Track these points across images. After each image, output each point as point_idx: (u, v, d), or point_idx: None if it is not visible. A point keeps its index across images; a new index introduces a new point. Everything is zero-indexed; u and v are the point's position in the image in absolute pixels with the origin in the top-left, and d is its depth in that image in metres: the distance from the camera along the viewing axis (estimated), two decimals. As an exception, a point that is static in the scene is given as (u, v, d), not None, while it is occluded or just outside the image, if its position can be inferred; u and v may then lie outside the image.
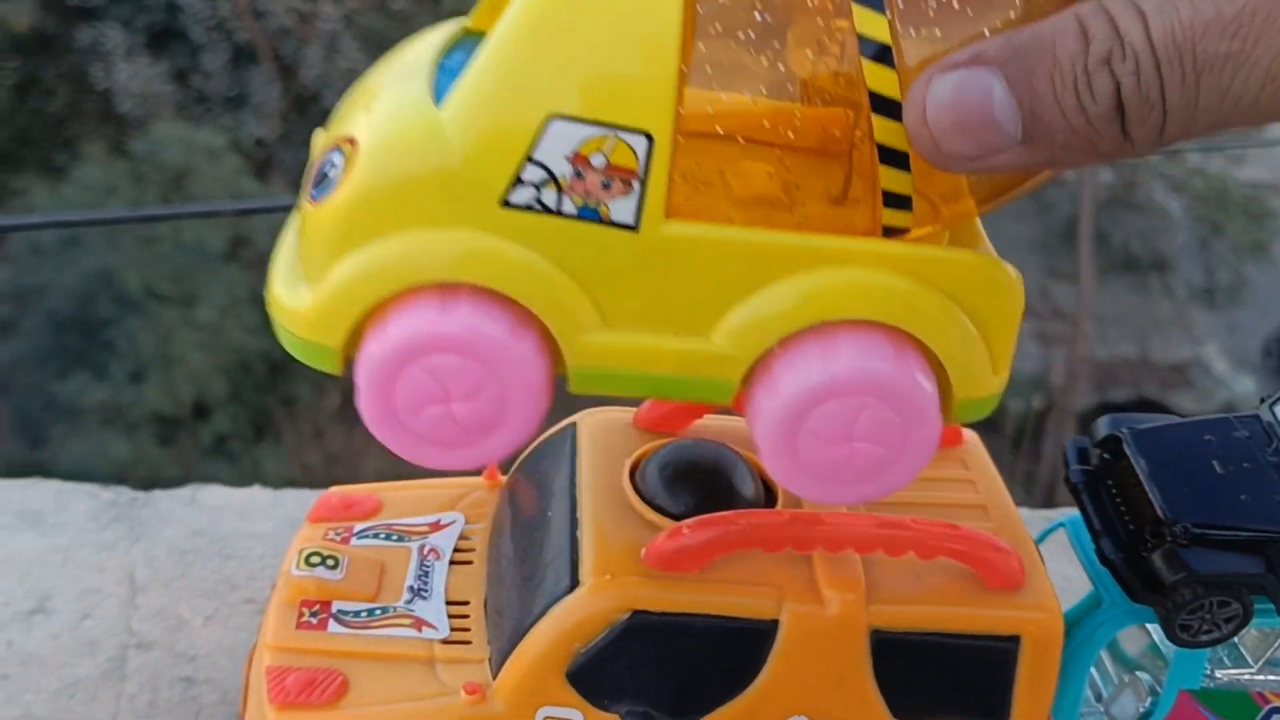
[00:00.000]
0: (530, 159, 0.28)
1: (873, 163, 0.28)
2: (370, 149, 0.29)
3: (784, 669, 0.35)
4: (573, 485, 0.38)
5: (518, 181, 0.28)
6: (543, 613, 0.35)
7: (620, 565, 0.35)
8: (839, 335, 0.30)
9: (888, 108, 0.27)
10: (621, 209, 0.29)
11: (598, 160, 0.28)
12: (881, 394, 0.30)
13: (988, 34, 0.27)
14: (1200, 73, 0.24)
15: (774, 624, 0.35)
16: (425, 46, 0.32)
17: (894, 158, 0.28)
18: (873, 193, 0.29)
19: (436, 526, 0.42)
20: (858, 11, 0.27)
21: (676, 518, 0.36)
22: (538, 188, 0.28)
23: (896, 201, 0.29)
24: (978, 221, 0.35)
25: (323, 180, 0.30)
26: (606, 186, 0.28)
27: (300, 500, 0.54)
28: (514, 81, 0.28)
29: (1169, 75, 0.24)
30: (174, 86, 2.88)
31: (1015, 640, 0.35)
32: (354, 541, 0.41)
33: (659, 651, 0.35)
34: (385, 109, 0.30)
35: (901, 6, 0.27)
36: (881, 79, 0.27)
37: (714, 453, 0.38)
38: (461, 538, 0.42)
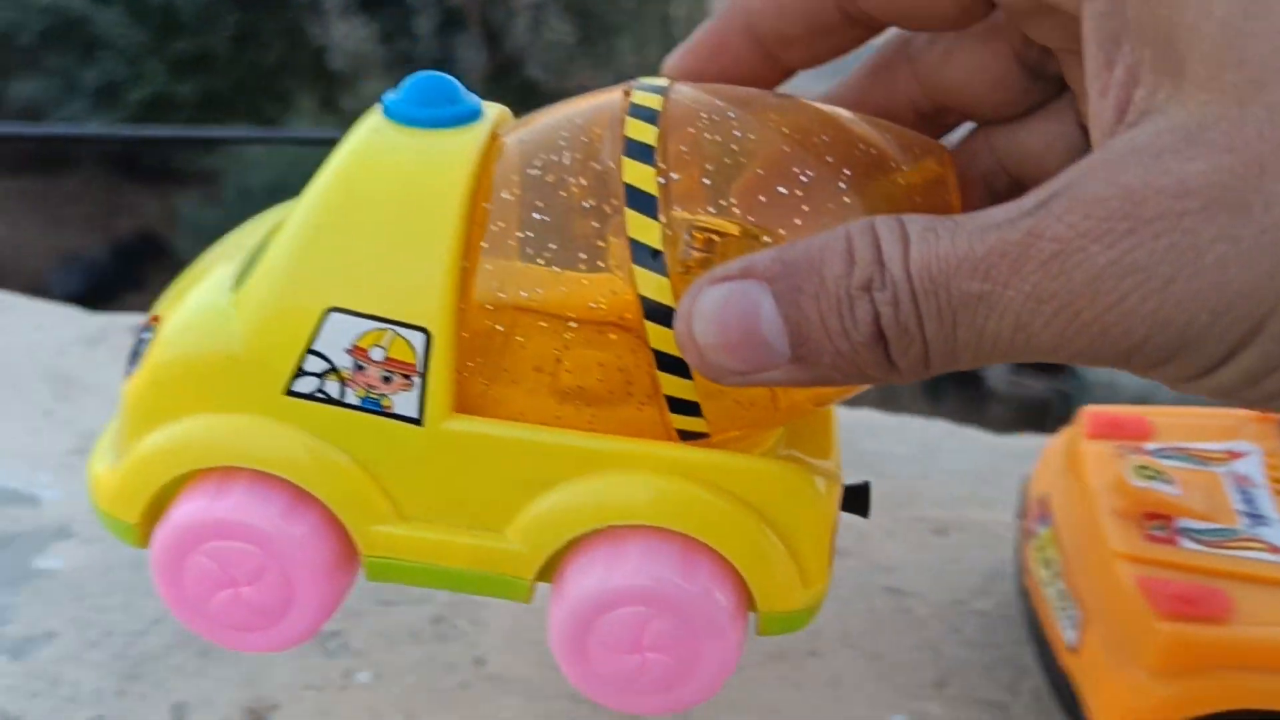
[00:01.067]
0: (311, 349, 0.28)
1: (651, 369, 0.27)
2: (166, 330, 0.30)
3: None
4: None
5: (300, 371, 0.28)
6: None
7: None
8: (627, 541, 0.29)
9: (660, 315, 0.27)
10: (404, 402, 0.28)
11: (376, 354, 0.28)
12: (664, 605, 0.28)
13: (770, 241, 0.27)
14: (956, 310, 0.22)
15: None
16: (263, 225, 0.33)
17: (672, 365, 0.27)
18: (657, 397, 0.28)
19: (1233, 454, 0.43)
20: (630, 215, 0.27)
21: None
22: (320, 378, 0.28)
23: (683, 407, 0.28)
24: (831, 414, 0.34)
25: (135, 356, 0.31)
26: (387, 380, 0.28)
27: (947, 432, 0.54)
28: (296, 272, 0.28)
29: (926, 309, 0.23)
30: (383, 48, 2.99)
31: None
32: (1162, 461, 0.42)
33: None
34: (192, 290, 0.30)
35: (678, 211, 0.27)
36: (652, 285, 0.27)
37: None
38: (1271, 467, 0.42)
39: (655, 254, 0.26)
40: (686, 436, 0.29)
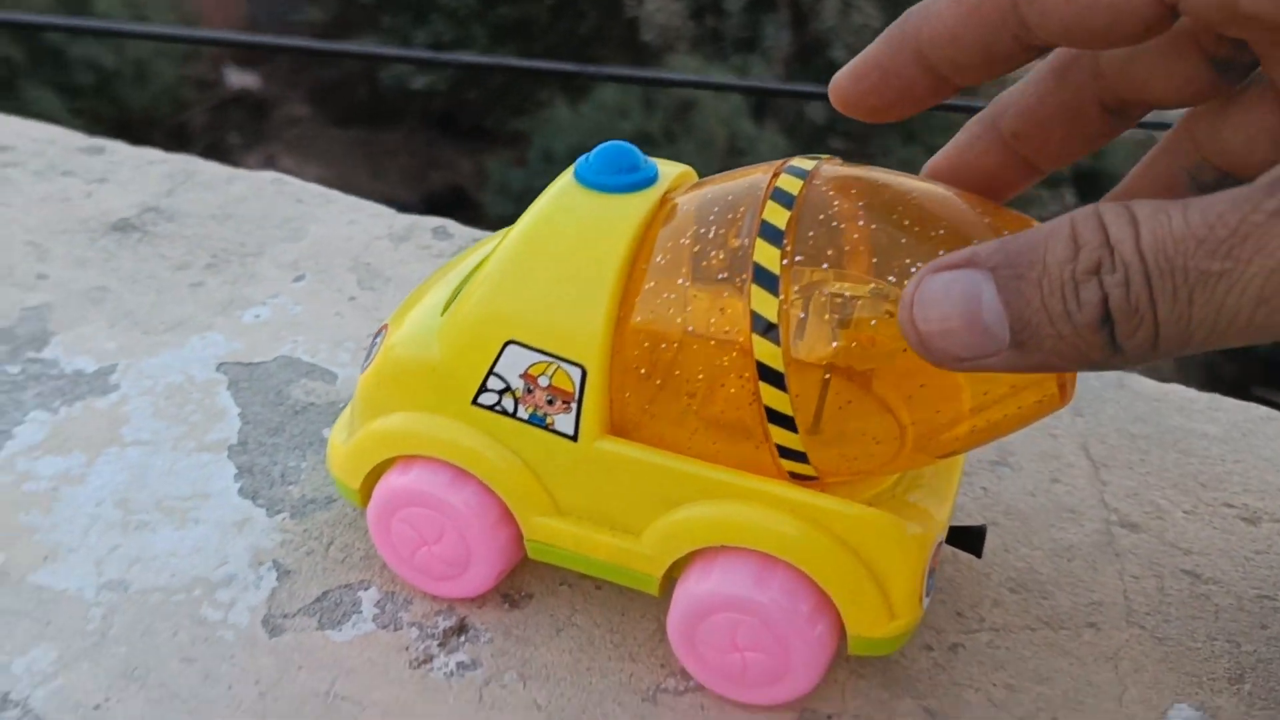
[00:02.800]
0: (492, 371, 0.34)
1: (762, 421, 0.32)
2: (391, 339, 0.37)
3: None
4: None
5: (484, 387, 0.35)
6: None
7: None
8: (722, 559, 0.34)
9: (769, 376, 0.31)
10: (563, 422, 0.34)
11: (543, 381, 0.34)
12: (745, 610, 0.33)
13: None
14: (1193, 288, 0.23)
15: None
16: (476, 255, 0.39)
17: (780, 420, 0.32)
18: (769, 444, 0.33)
19: None
20: (754, 290, 0.31)
21: None
22: (499, 395, 0.35)
23: (790, 455, 0.33)
24: (958, 461, 0.37)
25: (368, 355, 0.38)
26: (550, 403, 0.34)
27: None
28: (487, 307, 0.34)
29: (1160, 288, 0.24)
30: (693, 23, 3.09)
31: None
32: None
33: None
34: (413, 309, 0.37)
35: (797, 289, 0.31)
36: (766, 351, 0.31)
37: None
38: None
39: (771, 326, 0.31)
40: (797, 478, 0.33)
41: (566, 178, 0.36)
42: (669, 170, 0.36)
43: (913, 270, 0.31)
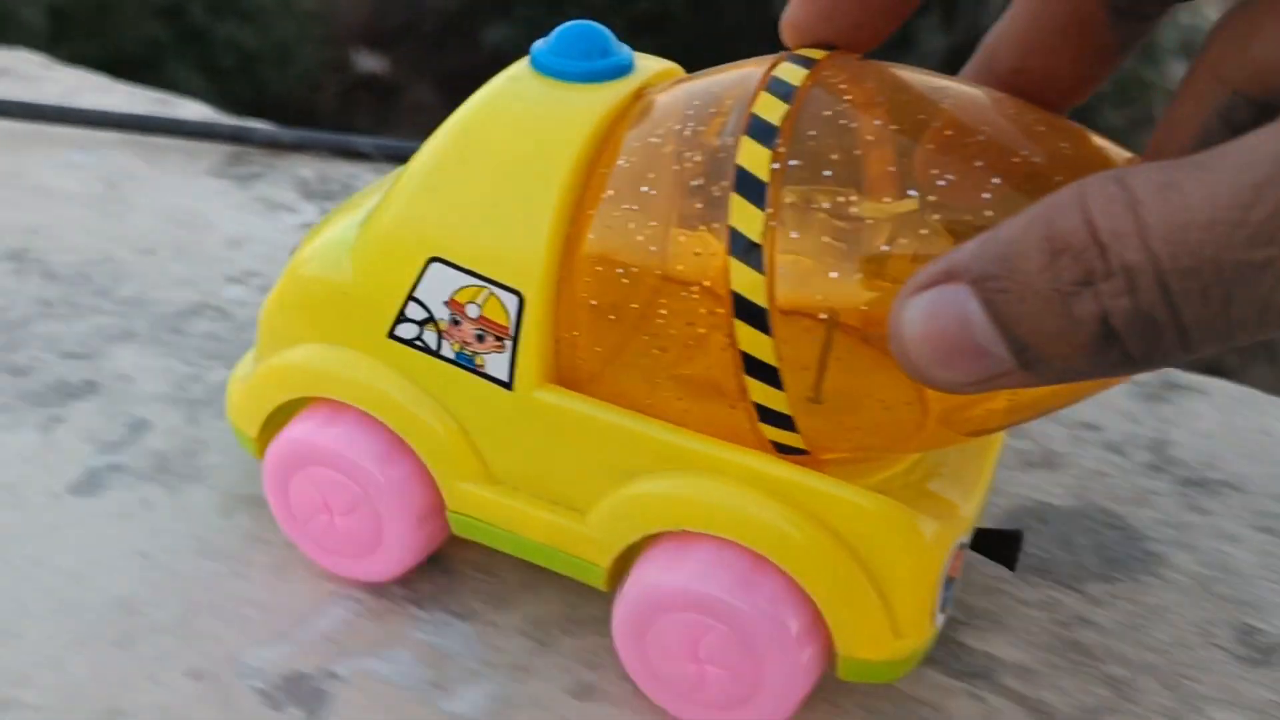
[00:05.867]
0: (412, 296, 0.28)
1: (738, 373, 0.25)
2: (296, 257, 0.30)
3: None
4: None
5: (402, 316, 0.28)
6: None
7: None
8: (694, 547, 0.27)
9: (751, 314, 0.24)
10: (496, 364, 0.27)
11: (472, 310, 0.27)
12: (718, 617, 0.26)
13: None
14: (1230, 286, 0.18)
15: None
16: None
17: (762, 371, 0.25)
18: (745, 401, 0.25)
19: None
20: (735, 201, 0.24)
21: None
22: (420, 325, 0.28)
23: (774, 418, 0.25)
24: (994, 443, 0.30)
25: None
26: (480, 338, 0.27)
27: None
28: (406, 215, 0.28)
29: (1182, 290, 0.18)
30: None
31: None
32: None
33: None
34: (330, 223, 0.31)
35: (790, 200, 0.24)
36: (746, 280, 0.24)
37: None
38: None
39: (753, 246, 0.24)
40: (782, 450, 0.26)
41: (521, 64, 0.29)
42: (649, 64, 0.29)
43: (940, 183, 0.23)
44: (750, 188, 0.24)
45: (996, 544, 0.30)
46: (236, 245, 0.45)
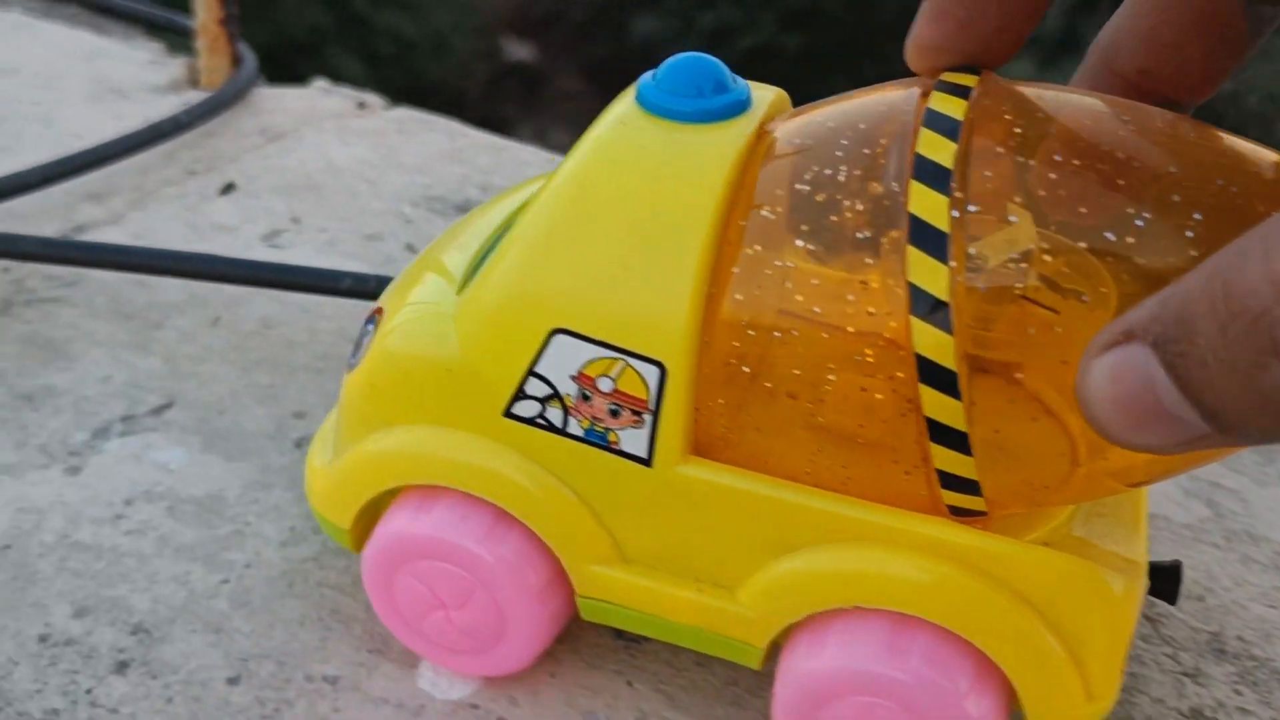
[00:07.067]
0: (533, 371, 0.25)
1: (920, 439, 0.23)
2: (385, 328, 0.27)
3: None
4: None
5: (520, 393, 0.25)
6: None
7: None
8: (838, 622, 0.25)
9: (937, 378, 0.22)
10: (632, 440, 0.25)
11: (604, 384, 0.25)
12: (903, 699, 0.24)
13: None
14: None
15: None
16: (502, 209, 0.30)
17: (949, 437, 0.23)
18: (926, 468, 0.23)
19: None
20: (912, 254, 0.22)
21: None
22: (542, 403, 0.25)
23: (958, 484, 0.23)
24: (1142, 498, 0.28)
25: (357, 349, 0.28)
26: (615, 414, 0.25)
27: None
28: (523, 283, 0.25)
29: None
30: None
31: None
32: None
33: None
34: (416, 286, 0.28)
35: (976, 251, 0.22)
36: (932, 342, 0.22)
37: None
38: None
39: (939, 305, 0.22)
40: (958, 513, 0.24)
41: (626, 101, 0.26)
42: (763, 95, 0.26)
43: (1138, 224, 0.21)
44: (928, 239, 0.22)
45: (1158, 578, 0.28)
46: None
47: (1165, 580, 0.28)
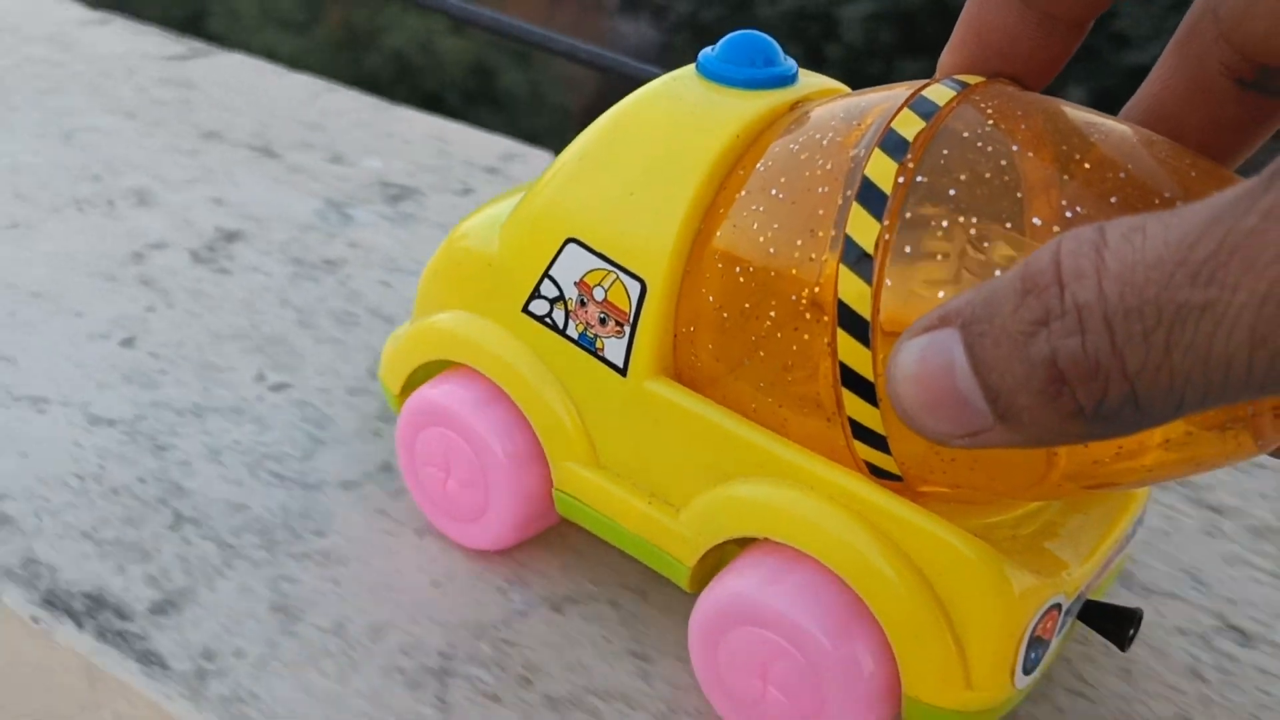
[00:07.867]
0: (548, 273, 0.29)
1: (836, 385, 0.25)
2: (458, 228, 0.32)
3: None
4: None
5: (536, 292, 0.29)
6: None
7: None
8: (774, 558, 0.26)
9: (853, 325, 0.24)
10: (613, 349, 0.28)
11: (598, 293, 0.28)
12: (787, 635, 0.26)
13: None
14: (1170, 328, 0.17)
15: None
16: None
17: (858, 384, 0.24)
18: (841, 415, 0.25)
19: None
20: (855, 209, 0.24)
21: None
22: (551, 303, 0.29)
23: (867, 436, 0.25)
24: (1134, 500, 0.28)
25: None
26: (603, 321, 0.28)
27: None
28: (554, 197, 0.29)
29: (1124, 333, 0.17)
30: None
31: None
32: None
33: None
34: (498, 200, 0.32)
35: (909, 215, 0.24)
36: (853, 290, 0.24)
37: None
38: None
39: (864, 257, 0.24)
40: (878, 474, 0.26)
41: (688, 67, 0.29)
42: (813, 80, 0.29)
43: (1069, 215, 0.23)
44: (872, 198, 0.24)
45: (1109, 619, 0.28)
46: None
47: (1118, 623, 0.28)
